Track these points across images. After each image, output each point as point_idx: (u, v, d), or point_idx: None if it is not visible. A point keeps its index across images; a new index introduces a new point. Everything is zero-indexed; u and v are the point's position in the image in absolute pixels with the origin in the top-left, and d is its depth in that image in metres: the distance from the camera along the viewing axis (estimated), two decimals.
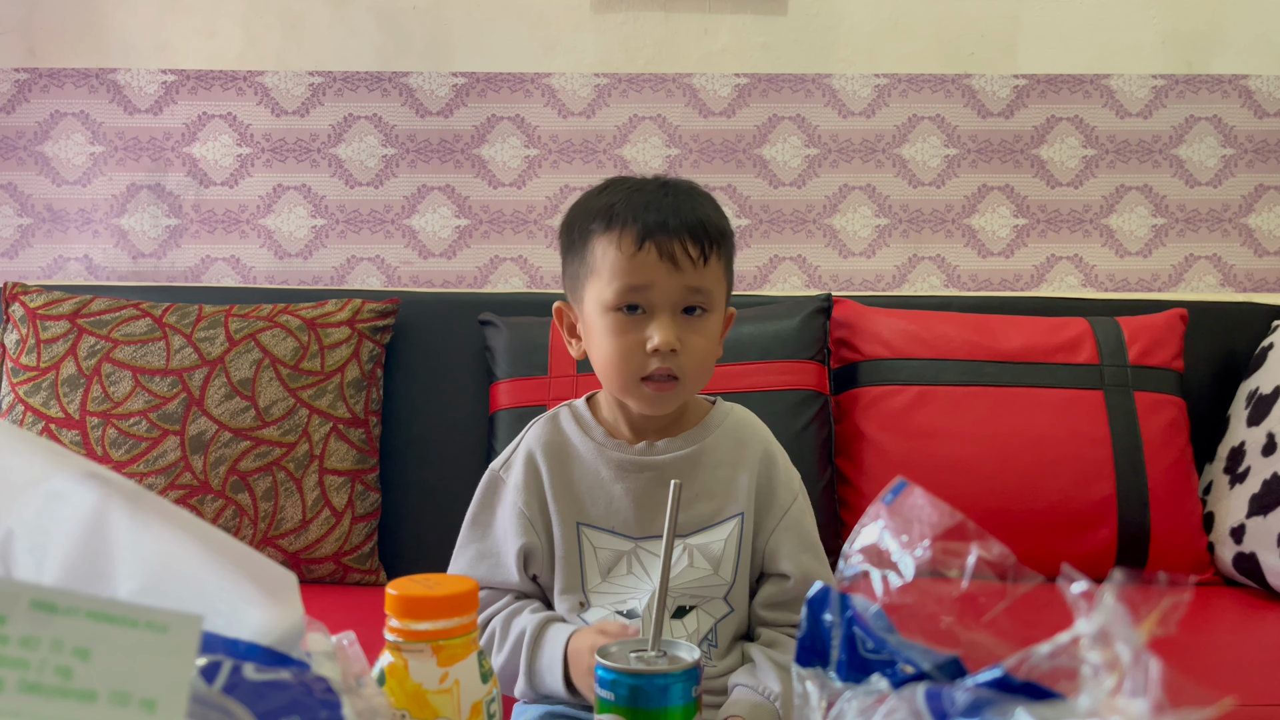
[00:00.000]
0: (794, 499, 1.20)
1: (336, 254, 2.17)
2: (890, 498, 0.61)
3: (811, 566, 1.18)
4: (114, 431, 1.75)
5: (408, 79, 2.15)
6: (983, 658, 0.55)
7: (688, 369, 1.12)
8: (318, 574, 1.79)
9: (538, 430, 1.21)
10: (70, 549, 0.56)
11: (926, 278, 2.19)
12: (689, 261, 1.10)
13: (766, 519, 1.19)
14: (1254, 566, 1.73)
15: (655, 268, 1.09)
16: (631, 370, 1.11)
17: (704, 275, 1.12)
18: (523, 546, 1.17)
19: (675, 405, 1.16)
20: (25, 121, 2.16)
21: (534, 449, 1.19)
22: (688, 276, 1.10)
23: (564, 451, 1.19)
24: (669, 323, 1.10)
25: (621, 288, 1.10)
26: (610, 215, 1.12)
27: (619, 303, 1.11)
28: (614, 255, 1.11)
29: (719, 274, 1.14)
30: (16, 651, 0.45)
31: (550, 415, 1.23)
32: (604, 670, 0.78)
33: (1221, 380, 1.96)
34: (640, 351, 1.10)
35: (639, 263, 1.10)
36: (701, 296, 1.12)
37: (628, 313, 1.11)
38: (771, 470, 1.20)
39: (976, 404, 1.82)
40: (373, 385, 1.86)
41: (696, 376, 1.14)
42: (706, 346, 1.14)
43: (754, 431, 1.22)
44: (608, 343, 1.12)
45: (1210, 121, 2.17)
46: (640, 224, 1.10)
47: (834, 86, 2.16)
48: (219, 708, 0.50)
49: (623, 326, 1.11)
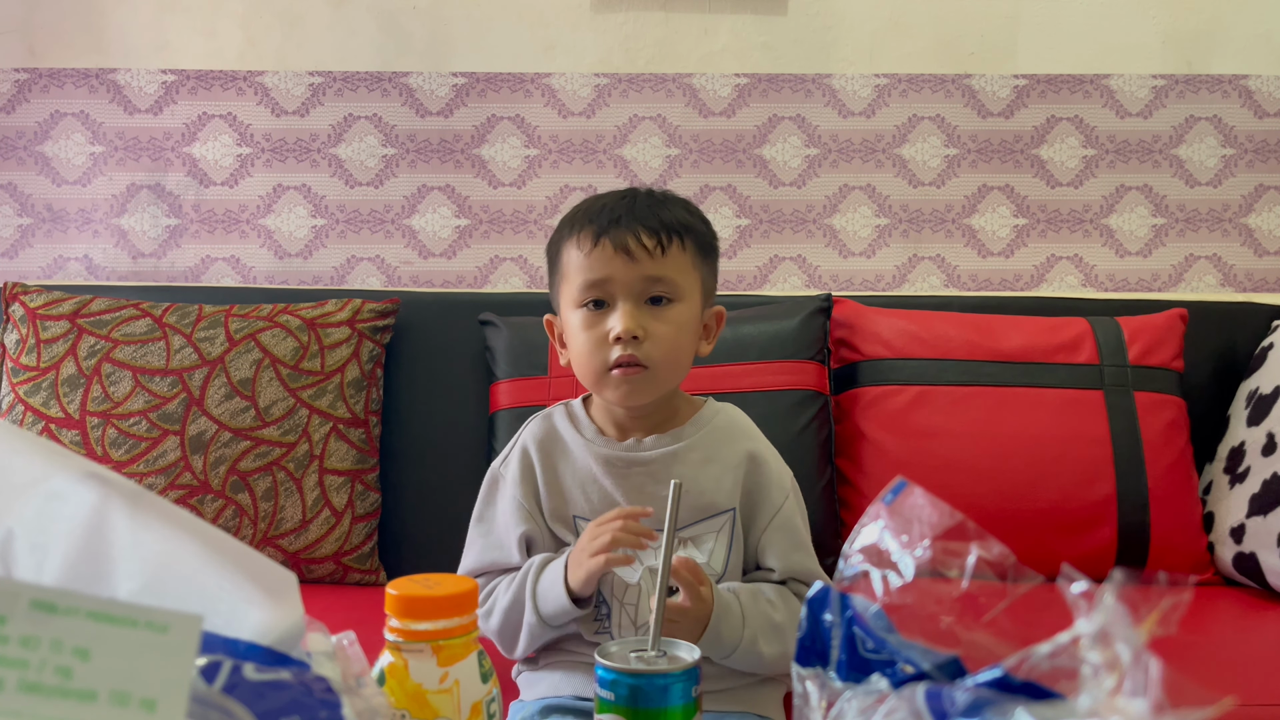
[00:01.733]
0: (785, 498, 1.21)
1: (336, 254, 2.17)
2: (890, 498, 0.61)
3: (801, 563, 1.20)
4: (114, 431, 1.75)
5: (408, 79, 2.15)
6: (983, 658, 0.55)
7: (654, 356, 1.14)
8: (318, 574, 1.79)
9: (533, 427, 1.25)
10: (70, 549, 0.56)
11: (926, 278, 2.19)
12: (644, 252, 1.14)
13: (757, 518, 1.21)
14: (1254, 566, 1.73)
15: (611, 261, 1.15)
16: (598, 362, 1.15)
17: (663, 265, 1.15)
18: (524, 533, 1.20)
19: (648, 396, 1.18)
20: (25, 121, 2.16)
21: (528, 445, 1.23)
22: (644, 266, 1.14)
23: (556, 448, 1.22)
24: (629, 311, 1.14)
25: (583, 283, 1.16)
26: (573, 222, 1.19)
27: (583, 299, 1.16)
28: (574, 255, 1.17)
29: (683, 264, 1.17)
30: (16, 651, 0.45)
31: (546, 413, 1.27)
32: (604, 670, 0.78)
33: (1221, 380, 1.96)
34: (604, 342, 1.15)
35: (595, 258, 1.15)
36: (663, 286, 1.16)
37: (593, 308, 1.16)
38: (759, 469, 1.21)
39: (976, 404, 1.82)
40: (373, 385, 1.86)
41: (666, 364, 1.16)
42: (673, 335, 1.16)
43: (742, 430, 1.24)
44: (578, 339, 1.17)
45: (1210, 121, 2.17)
46: (595, 224, 1.16)
47: (834, 86, 2.16)
48: (219, 708, 0.50)
49: (588, 321, 1.16)
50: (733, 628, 1.12)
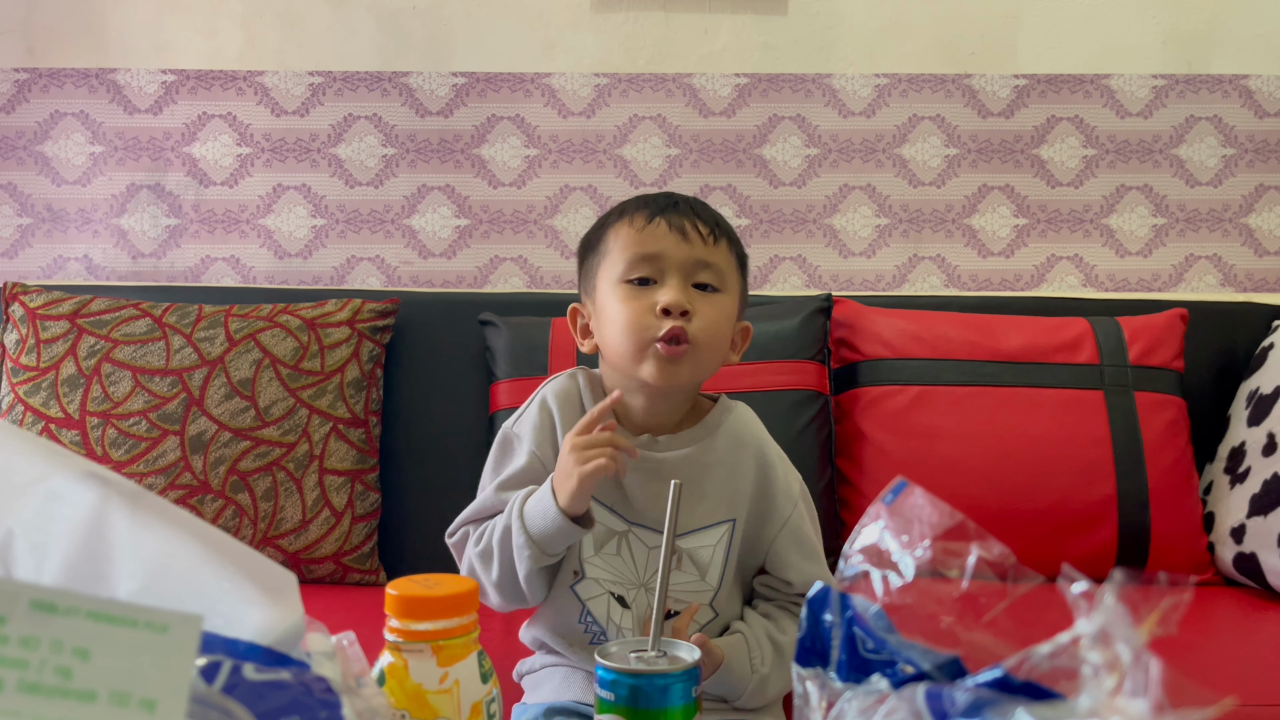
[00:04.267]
0: (794, 506, 1.20)
1: (336, 254, 2.17)
2: (890, 498, 0.61)
3: (812, 573, 1.19)
4: (114, 431, 1.75)
5: (408, 79, 2.15)
6: (983, 658, 0.55)
7: (699, 336, 1.12)
8: (318, 574, 1.79)
9: (554, 384, 1.22)
10: (70, 549, 0.56)
11: (926, 278, 2.19)
12: (698, 236, 1.14)
13: (765, 527, 1.19)
14: (1254, 566, 1.73)
15: (665, 238, 1.13)
16: (641, 335, 1.11)
17: (714, 252, 1.15)
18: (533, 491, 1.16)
19: (685, 378, 1.14)
20: (25, 121, 2.16)
21: (549, 398, 1.20)
22: (697, 249, 1.14)
23: (578, 406, 1.20)
24: (679, 284, 1.12)
25: (632, 257, 1.13)
26: (623, 210, 1.19)
27: (630, 274, 1.13)
28: (625, 232, 1.15)
29: (729, 258, 1.17)
30: (16, 651, 0.45)
31: (569, 373, 1.23)
32: (604, 670, 0.78)
33: (1221, 380, 1.96)
34: (650, 314, 1.11)
35: (649, 234, 1.14)
36: (712, 273, 1.14)
37: (639, 285, 1.13)
38: (768, 476, 1.20)
39: (976, 404, 1.82)
40: (373, 385, 1.86)
41: (709, 348, 1.14)
42: (720, 318, 1.14)
43: (752, 433, 1.22)
44: (619, 312, 1.13)
45: (1210, 121, 2.17)
46: (650, 207, 1.16)
47: (834, 86, 2.16)
48: (219, 708, 0.50)
49: (634, 294, 1.13)
50: (741, 668, 1.13)
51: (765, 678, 1.14)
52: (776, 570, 1.20)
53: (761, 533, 1.19)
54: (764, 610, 1.20)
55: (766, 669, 1.14)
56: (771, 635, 1.16)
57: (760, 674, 1.13)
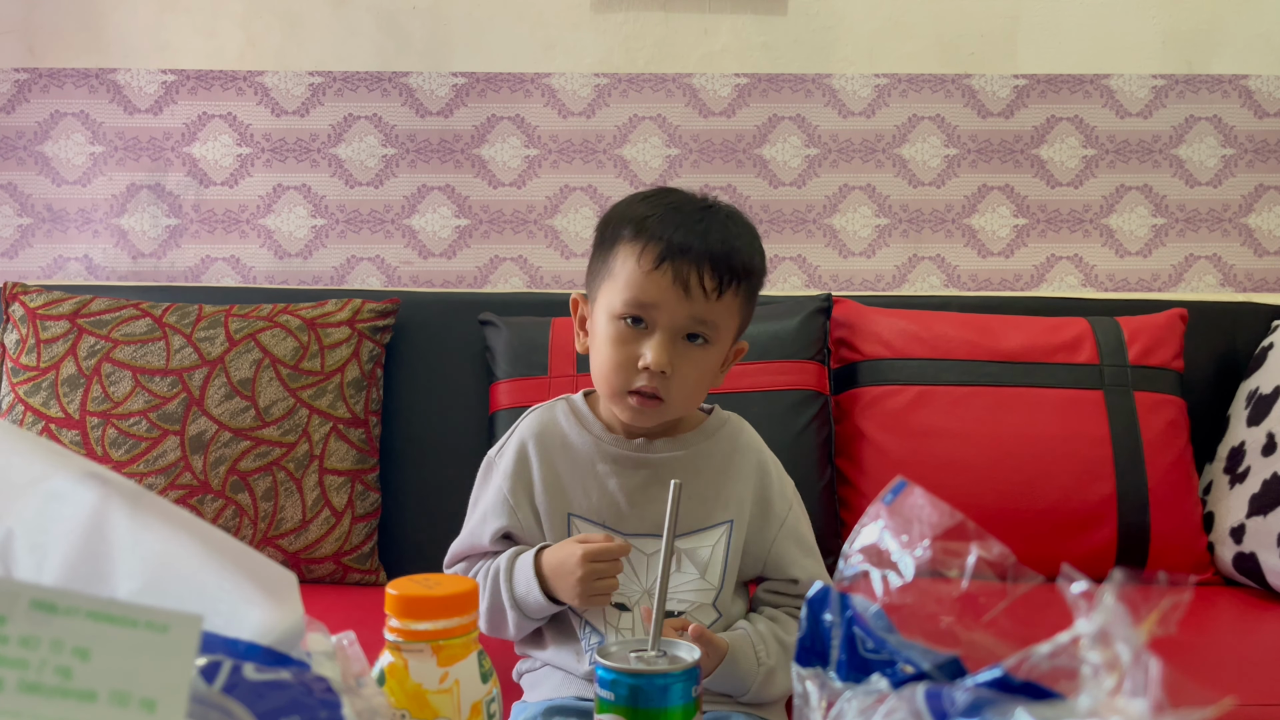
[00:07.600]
0: (789, 508, 1.23)
1: (336, 254, 2.17)
2: (890, 498, 0.61)
3: (813, 570, 1.21)
4: (114, 431, 1.75)
5: (408, 79, 2.15)
6: (983, 658, 0.55)
7: (673, 394, 1.14)
8: (318, 574, 1.79)
9: (532, 420, 1.24)
10: (70, 549, 0.56)
11: (926, 278, 2.19)
12: (701, 292, 1.11)
13: (764, 529, 1.21)
14: (1254, 566, 1.73)
15: (667, 290, 1.11)
16: (620, 381, 1.14)
17: (714, 308, 1.13)
18: (502, 528, 1.20)
19: (656, 421, 1.18)
20: (25, 121, 2.16)
21: (527, 439, 1.22)
22: (697, 306, 1.12)
23: (557, 443, 1.21)
24: (665, 344, 1.12)
25: (630, 300, 1.12)
26: (640, 225, 1.14)
27: (624, 313, 1.13)
28: (631, 267, 1.12)
29: (733, 308, 1.15)
30: (16, 651, 0.45)
31: (547, 406, 1.25)
32: (604, 670, 0.78)
33: (1221, 380, 1.96)
34: (632, 366, 1.12)
35: (652, 281, 1.11)
36: (705, 328, 1.14)
37: (631, 324, 1.13)
38: (766, 480, 1.22)
39: (976, 404, 1.82)
40: (373, 385, 1.86)
41: (682, 402, 1.16)
42: (697, 376, 1.15)
43: (749, 441, 1.24)
44: (606, 350, 1.14)
45: (1210, 121, 2.17)
46: (664, 243, 1.11)
47: (834, 86, 2.16)
48: (219, 708, 0.50)
49: (623, 337, 1.13)
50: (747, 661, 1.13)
51: (772, 670, 1.14)
52: (780, 570, 1.21)
53: (761, 534, 1.21)
54: (769, 614, 1.20)
55: (773, 661, 1.14)
56: (778, 635, 1.16)
57: (767, 666, 1.13)
